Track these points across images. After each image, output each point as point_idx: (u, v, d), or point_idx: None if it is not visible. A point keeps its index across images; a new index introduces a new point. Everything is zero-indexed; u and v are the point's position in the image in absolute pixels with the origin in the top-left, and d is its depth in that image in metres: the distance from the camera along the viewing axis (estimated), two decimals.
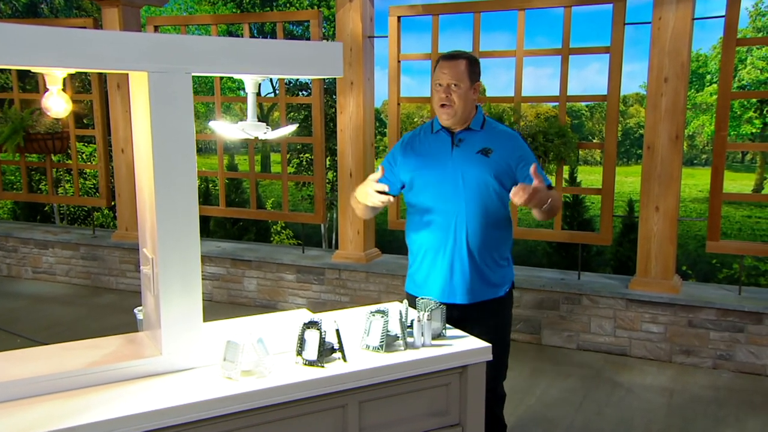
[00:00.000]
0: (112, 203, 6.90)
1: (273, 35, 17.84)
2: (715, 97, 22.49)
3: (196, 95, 8.69)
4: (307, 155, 15.20)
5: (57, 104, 1.83)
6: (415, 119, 5.16)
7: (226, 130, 2.03)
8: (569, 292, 4.78)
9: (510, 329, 2.99)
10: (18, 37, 1.68)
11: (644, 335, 4.58)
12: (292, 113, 15.87)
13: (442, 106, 2.65)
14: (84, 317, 5.63)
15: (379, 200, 2.52)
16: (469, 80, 2.67)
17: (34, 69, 1.79)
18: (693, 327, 4.43)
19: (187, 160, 1.87)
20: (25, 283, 6.68)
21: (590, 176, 24.77)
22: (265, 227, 14.10)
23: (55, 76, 1.79)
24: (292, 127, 2.14)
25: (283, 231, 15.42)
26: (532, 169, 2.40)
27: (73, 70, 1.79)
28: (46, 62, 1.74)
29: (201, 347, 1.98)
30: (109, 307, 5.94)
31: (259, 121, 2.07)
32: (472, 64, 2.70)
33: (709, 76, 24.30)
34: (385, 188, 2.51)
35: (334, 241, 15.59)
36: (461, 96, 2.64)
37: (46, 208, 13.56)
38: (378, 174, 2.52)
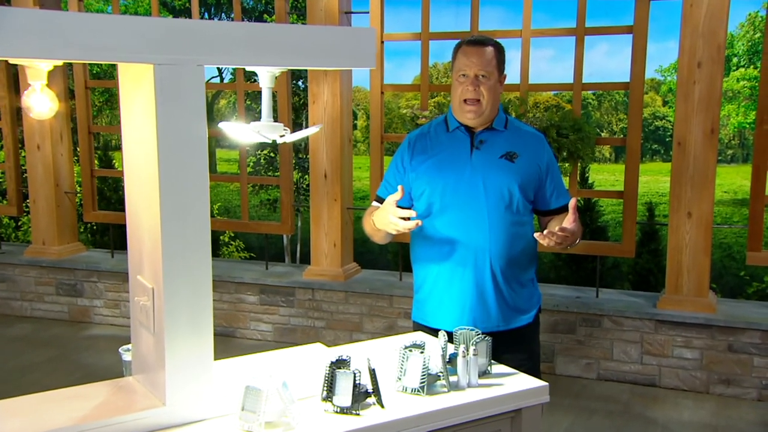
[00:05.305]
0: (24, 211, 6.73)
1: (218, 7, 17.57)
2: (742, 83, 22.99)
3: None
4: (264, 152, 15.07)
5: (40, 103, 1.78)
6: (403, 111, 5.19)
7: (237, 131, 2.02)
8: (587, 312, 4.88)
9: (540, 359, 3.04)
10: None
11: (676, 362, 4.71)
12: (247, 101, 15.83)
13: (467, 101, 2.67)
14: None
15: (404, 227, 2.48)
16: (497, 71, 2.71)
17: (12, 60, 1.75)
18: (734, 352, 4.58)
19: (199, 169, 1.86)
20: None
21: (599, 175, 24.96)
22: (214, 238, 13.93)
23: (38, 69, 1.75)
24: (316, 128, 2.14)
25: (233, 242, 15.23)
26: (571, 203, 2.48)
27: (59, 62, 1.76)
28: (28, 52, 1.71)
29: (213, 394, 1.97)
30: (25, 340, 5.79)
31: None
32: (500, 51, 2.74)
33: (735, 59, 24.48)
34: (412, 214, 2.47)
35: (298, 255, 15.46)
36: (490, 89, 2.67)
37: None
38: (398, 195, 2.48)
